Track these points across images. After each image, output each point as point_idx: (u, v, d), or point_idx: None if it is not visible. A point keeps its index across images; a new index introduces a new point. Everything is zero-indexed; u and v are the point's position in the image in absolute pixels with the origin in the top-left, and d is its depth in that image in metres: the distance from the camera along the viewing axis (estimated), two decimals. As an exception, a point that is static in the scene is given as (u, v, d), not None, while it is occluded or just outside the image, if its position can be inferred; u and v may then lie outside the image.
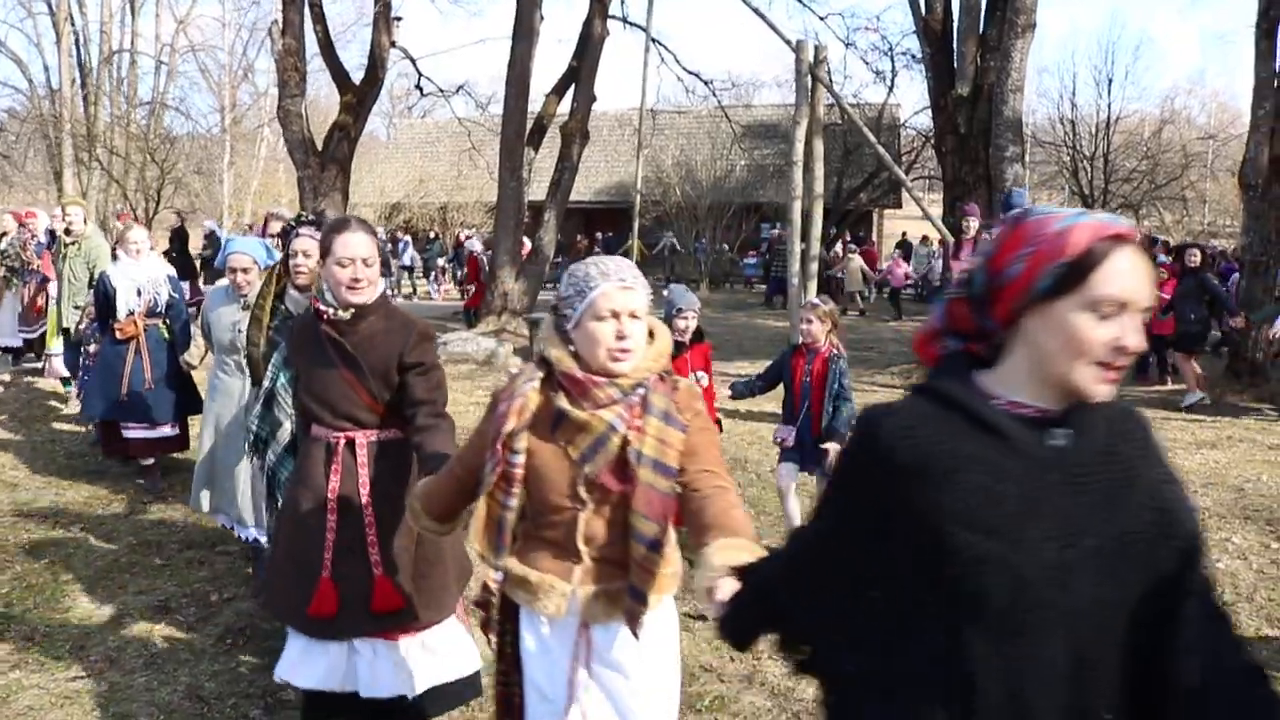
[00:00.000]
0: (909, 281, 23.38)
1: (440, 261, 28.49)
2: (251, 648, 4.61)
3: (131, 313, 7.13)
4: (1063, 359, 1.52)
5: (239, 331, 5.03)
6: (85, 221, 9.25)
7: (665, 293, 5.67)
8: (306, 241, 4.32)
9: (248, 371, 4.94)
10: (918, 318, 21.05)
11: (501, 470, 2.43)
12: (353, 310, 3.30)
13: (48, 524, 6.49)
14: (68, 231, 9.10)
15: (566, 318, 2.42)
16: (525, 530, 2.56)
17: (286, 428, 3.83)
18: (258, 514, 5.10)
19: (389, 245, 28.90)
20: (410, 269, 28.08)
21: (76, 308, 8.90)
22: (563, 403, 2.40)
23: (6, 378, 11.03)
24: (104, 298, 7.18)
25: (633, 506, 2.34)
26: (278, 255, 6.81)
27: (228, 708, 4.09)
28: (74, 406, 9.33)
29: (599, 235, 31.93)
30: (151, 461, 7.30)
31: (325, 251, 3.30)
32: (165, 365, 7.11)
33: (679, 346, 5.54)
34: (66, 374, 9.63)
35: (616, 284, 2.35)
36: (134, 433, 7.14)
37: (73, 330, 9.01)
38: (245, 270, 5.26)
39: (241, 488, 5.26)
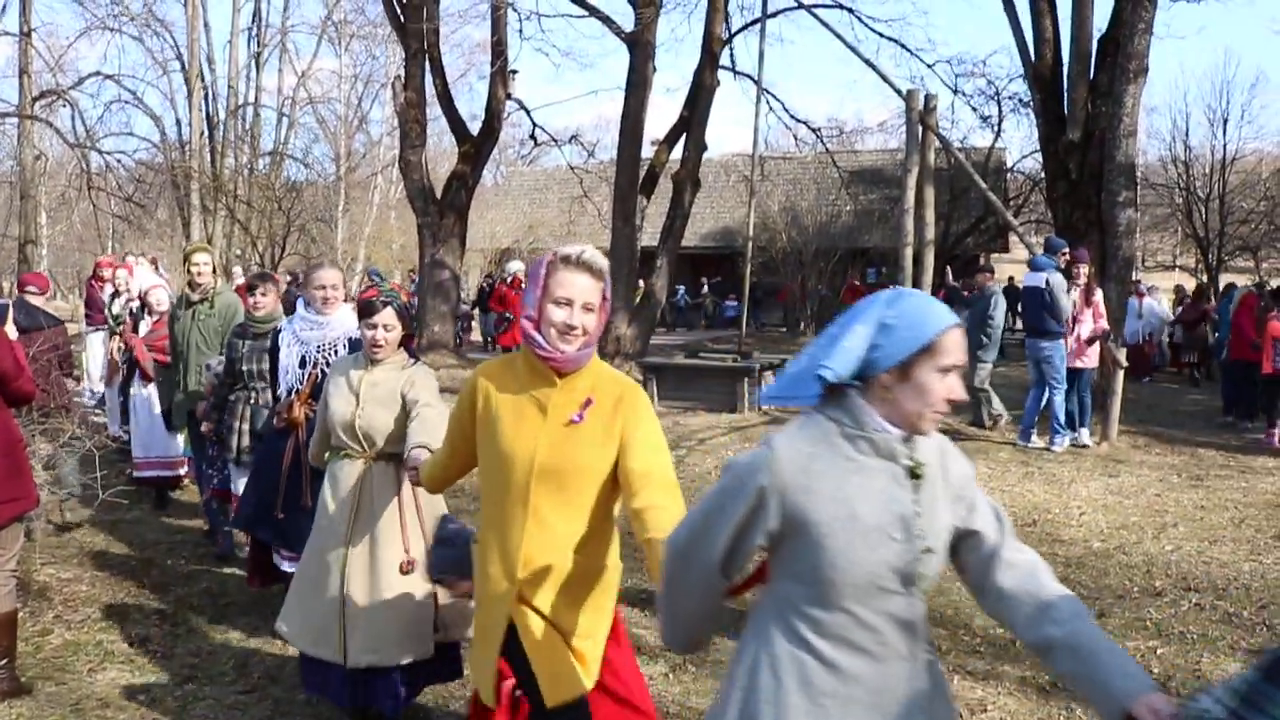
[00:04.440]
0: None
1: None
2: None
3: (293, 390, 5.06)
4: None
5: None
6: (214, 272, 7.41)
7: None
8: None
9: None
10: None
11: None
12: None
13: (201, 550, 6.94)
14: (192, 285, 7.14)
15: None
16: None
17: None
18: None
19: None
20: None
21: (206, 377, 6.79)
22: None
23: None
24: (273, 363, 5.32)
25: None
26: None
27: (382, 723, 4.38)
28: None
29: (705, 280, 32.31)
30: None
31: None
32: None
33: None
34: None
35: None
36: (289, 564, 5.12)
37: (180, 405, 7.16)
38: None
39: None
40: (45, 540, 6.85)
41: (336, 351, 4.99)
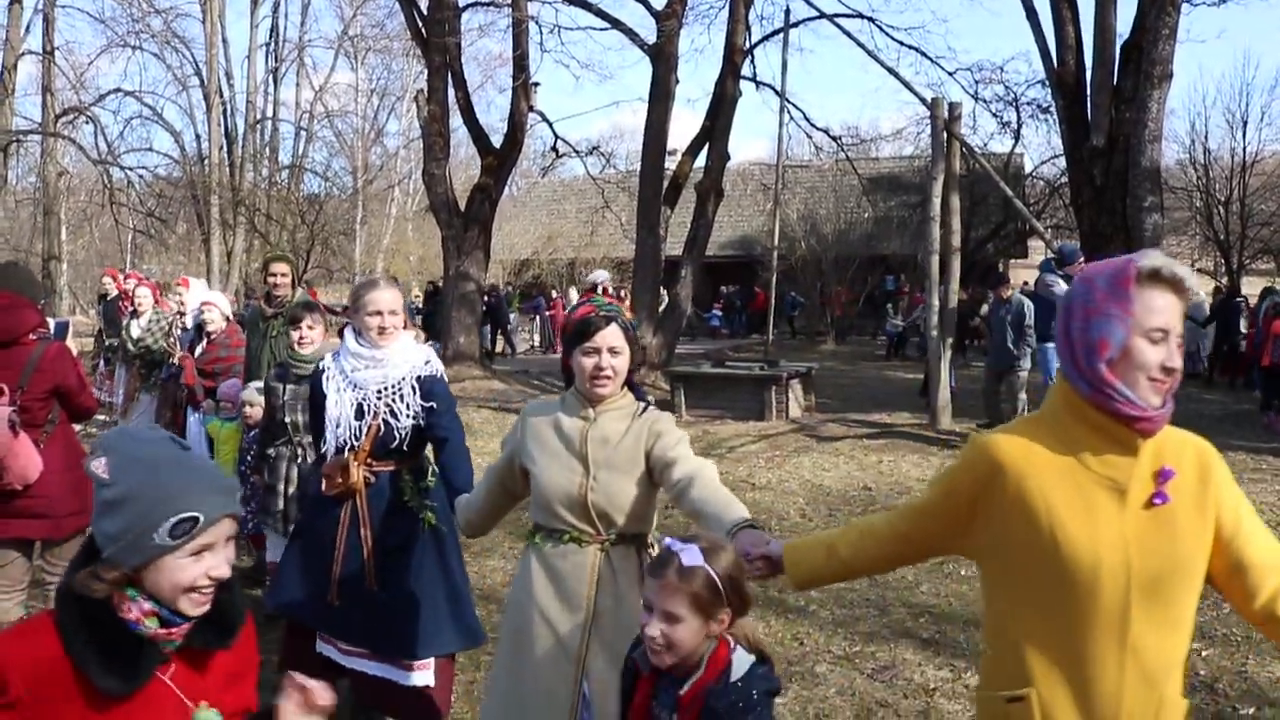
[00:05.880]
0: None
1: None
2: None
3: (344, 447, 3.92)
4: None
5: None
6: (294, 285, 6.75)
7: None
8: None
9: None
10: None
11: None
12: None
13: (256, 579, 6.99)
14: (269, 298, 6.57)
15: None
16: None
17: None
18: None
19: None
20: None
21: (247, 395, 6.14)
22: None
23: None
24: (317, 409, 4.10)
25: None
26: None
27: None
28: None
29: (723, 288, 32.34)
30: None
31: None
32: (414, 555, 3.91)
33: None
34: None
35: None
36: (345, 659, 3.97)
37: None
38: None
39: None
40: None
41: (403, 396, 3.90)
